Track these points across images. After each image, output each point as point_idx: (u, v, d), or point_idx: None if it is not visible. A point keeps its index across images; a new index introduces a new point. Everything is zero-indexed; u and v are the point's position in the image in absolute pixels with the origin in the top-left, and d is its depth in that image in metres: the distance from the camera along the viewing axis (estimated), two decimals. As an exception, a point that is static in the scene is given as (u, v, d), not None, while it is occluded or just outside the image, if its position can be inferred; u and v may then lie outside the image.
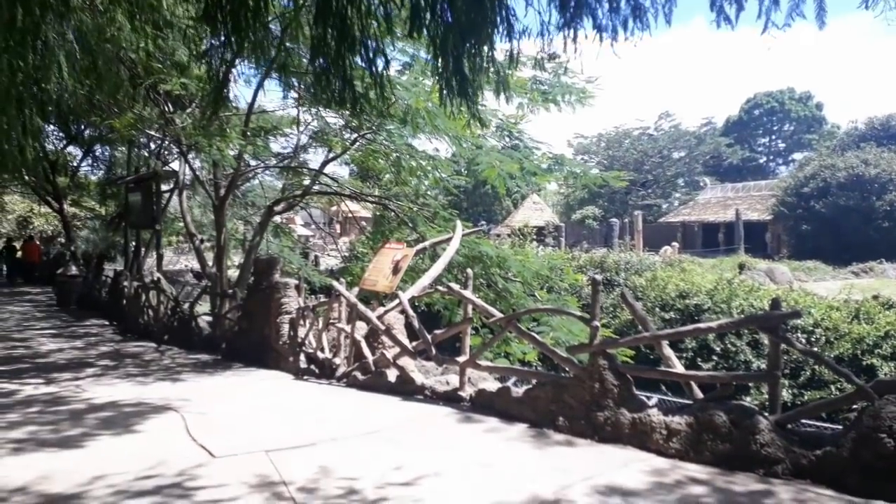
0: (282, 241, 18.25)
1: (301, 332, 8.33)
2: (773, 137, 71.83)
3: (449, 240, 9.13)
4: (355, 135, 13.26)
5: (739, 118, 70.95)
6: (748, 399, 8.81)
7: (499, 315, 5.82)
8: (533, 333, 5.82)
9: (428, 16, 3.08)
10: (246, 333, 9.58)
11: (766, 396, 8.56)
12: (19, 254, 26.35)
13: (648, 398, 5.00)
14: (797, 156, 65.48)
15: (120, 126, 12.00)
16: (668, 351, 4.71)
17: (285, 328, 8.58)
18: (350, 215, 18.96)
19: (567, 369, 5.22)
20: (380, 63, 3.57)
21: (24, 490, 4.02)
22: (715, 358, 11.05)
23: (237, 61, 12.29)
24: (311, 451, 4.81)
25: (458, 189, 16.51)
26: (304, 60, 9.07)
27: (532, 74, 12.19)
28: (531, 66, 12.11)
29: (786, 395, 9.45)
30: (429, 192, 15.12)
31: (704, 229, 47.35)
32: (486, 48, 3.31)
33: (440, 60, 3.36)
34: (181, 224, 18.58)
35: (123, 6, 7.38)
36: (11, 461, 4.67)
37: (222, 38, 3.87)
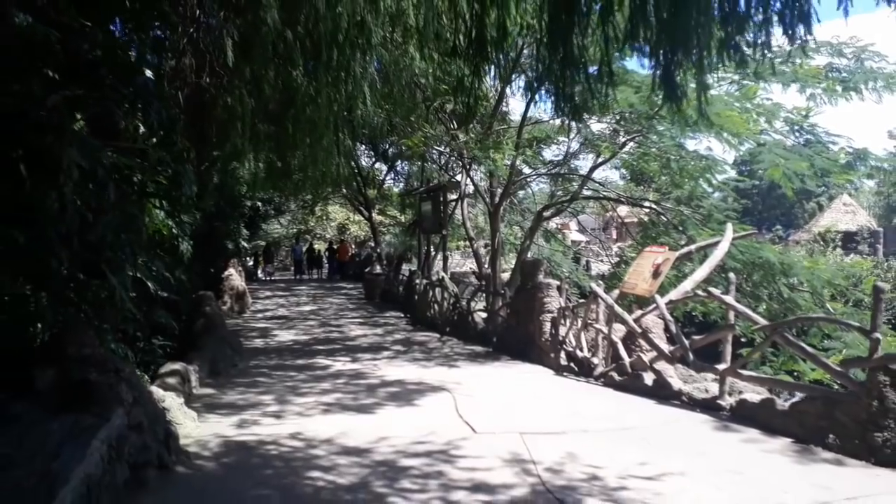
0: (552, 245, 18.87)
1: (562, 330, 8.68)
2: None
3: (716, 244, 8.66)
4: (624, 139, 13.24)
5: None
6: None
7: (763, 322, 5.46)
8: (802, 344, 5.34)
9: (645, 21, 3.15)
10: (513, 329, 10.26)
11: None
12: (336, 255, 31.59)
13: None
14: None
15: (411, 144, 13.73)
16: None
17: (547, 326, 9.00)
18: (621, 221, 18.82)
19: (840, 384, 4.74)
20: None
21: (330, 441, 5.12)
22: None
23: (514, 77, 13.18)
24: (560, 438, 5.15)
25: (751, 191, 15.41)
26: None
27: (827, 62, 10.98)
28: (827, 54, 10.95)
29: None
30: (705, 195, 14.34)
31: None
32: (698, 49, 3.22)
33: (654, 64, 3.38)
34: (465, 230, 20.34)
35: (414, 39, 8.49)
36: (322, 419, 5.96)
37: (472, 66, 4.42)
